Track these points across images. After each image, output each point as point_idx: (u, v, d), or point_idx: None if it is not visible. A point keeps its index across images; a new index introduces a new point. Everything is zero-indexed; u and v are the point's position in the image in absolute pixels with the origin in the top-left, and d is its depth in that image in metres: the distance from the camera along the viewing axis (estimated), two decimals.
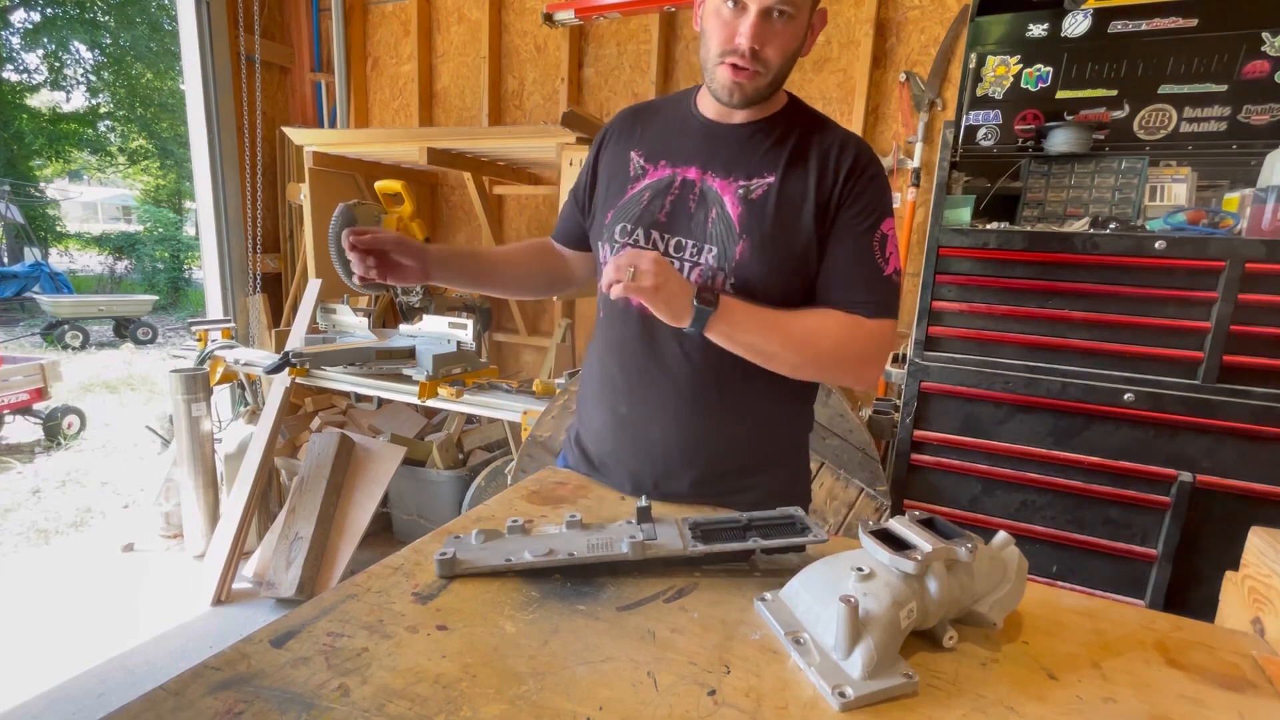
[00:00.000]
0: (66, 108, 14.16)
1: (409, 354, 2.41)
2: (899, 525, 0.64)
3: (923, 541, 0.60)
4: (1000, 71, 1.93)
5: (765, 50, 0.87)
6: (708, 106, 1.00)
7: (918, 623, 0.60)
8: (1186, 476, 1.66)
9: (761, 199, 0.94)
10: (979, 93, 1.96)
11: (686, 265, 0.97)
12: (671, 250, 0.97)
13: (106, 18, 13.15)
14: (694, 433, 1.01)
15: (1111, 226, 1.73)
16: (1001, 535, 0.68)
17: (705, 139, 0.99)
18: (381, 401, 3.21)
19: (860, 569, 0.60)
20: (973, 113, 1.98)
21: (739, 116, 0.98)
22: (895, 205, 2.53)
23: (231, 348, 2.78)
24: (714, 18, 0.89)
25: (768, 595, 0.68)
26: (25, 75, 13.56)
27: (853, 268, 0.95)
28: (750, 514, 0.78)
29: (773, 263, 0.94)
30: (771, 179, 0.95)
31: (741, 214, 0.94)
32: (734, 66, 0.88)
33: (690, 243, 0.96)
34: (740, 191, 0.95)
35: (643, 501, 0.80)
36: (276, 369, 2.32)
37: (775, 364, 0.92)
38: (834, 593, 0.59)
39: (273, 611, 2.35)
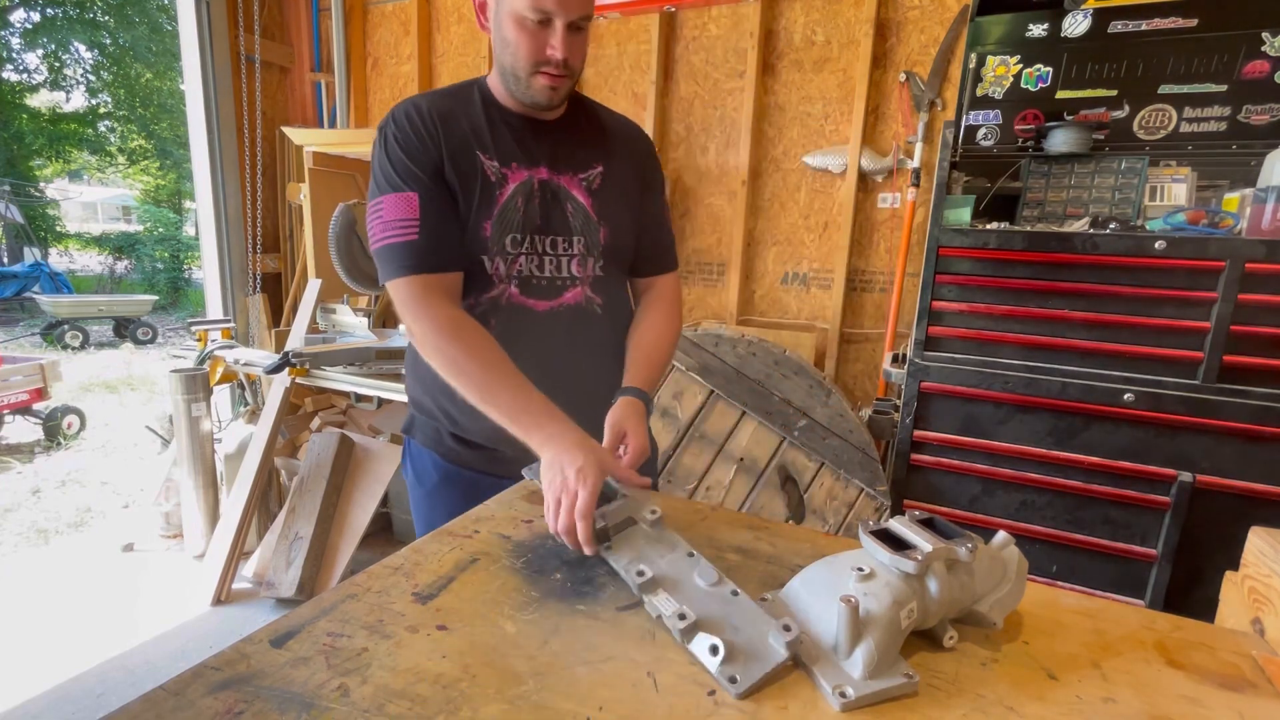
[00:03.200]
0: (66, 108, 14.16)
1: None
2: (899, 525, 0.64)
3: (923, 541, 0.60)
4: (1000, 71, 1.93)
5: (573, 60, 0.97)
6: (511, 102, 1.05)
7: (918, 623, 0.60)
8: (1186, 476, 1.66)
9: (602, 187, 1.09)
10: (979, 93, 1.97)
11: (563, 258, 1.06)
12: (549, 248, 1.05)
13: (106, 18, 13.14)
14: (596, 411, 1.01)
15: (1111, 226, 1.73)
16: (1001, 535, 0.67)
17: (537, 137, 1.05)
18: (381, 401, 3.20)
19: (861, 569, 0.60)
20: (973, 113, 1.98)
21: (549, 113, 1.06)
22: (895, 205, 2.55)
23: (231, 348, 2.77)
24: (518, 29, 0.94)
25: (768, 595, 0.68)
26: (25, 75, 13.56)
27: (662, 238, 1.20)
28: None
29: (627, 240, 1.13)
30: (600, 168, 1.09)
31: (593, 203, 1.08)
32: (549, 75, 0.96)
33: (562, 239, 1.06)
34: (584, 183, 1.08)
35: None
36: (276, 369, 2.32)
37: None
38: (834, 592, 0.58)
39: (273, 611, 2.34)
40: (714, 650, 0.58)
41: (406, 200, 0.97)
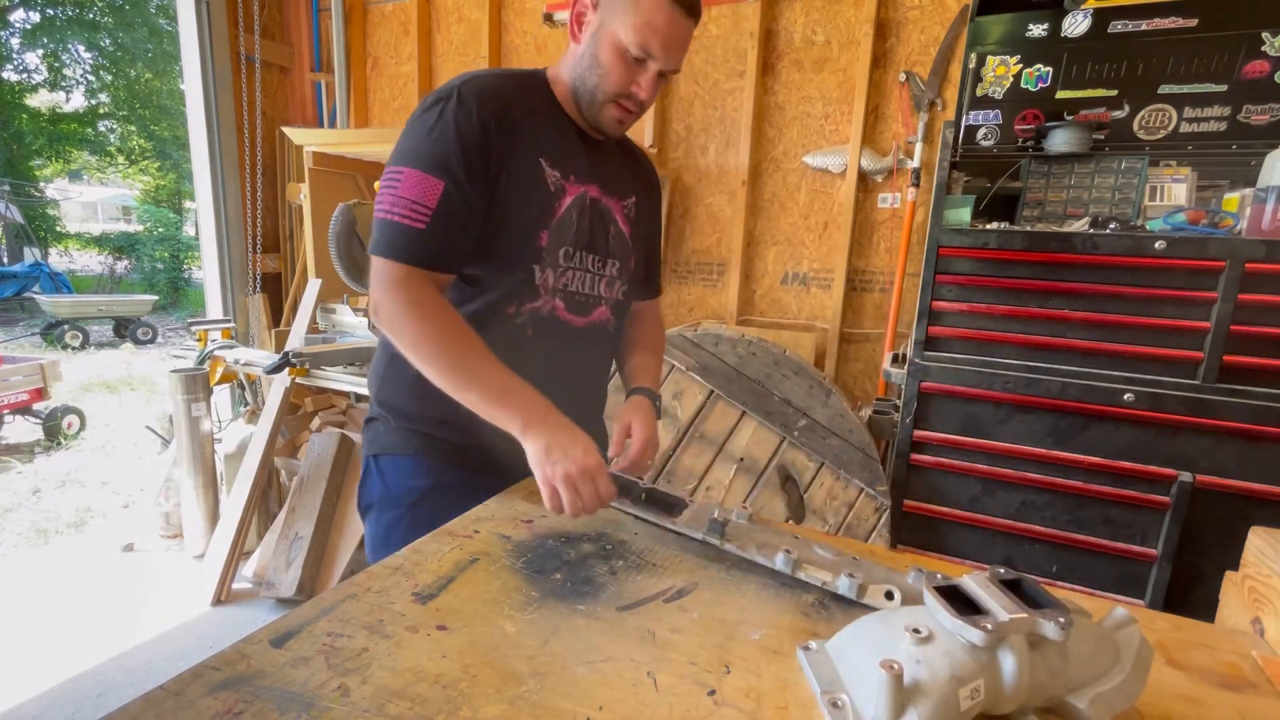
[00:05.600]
0: (66, 108, 14.15)
1: None
2: (973, 583, 0.54)
3: (999, 608, 0.50)
4: (1000, 71, 1.93)
5: (649, 102, 0.99)
6: (574, 114, 1.04)
7: (987, 706, 0.50)
8: (1186, 476, 1.66)
9: (637, 217, 1.13)
10: (979, 93, 1.96)
11: (597, 278, 1.08)
12: (590, 265, 1.06)
13: (106, 19, 13.14)
14: (593, 422, 1.19)
15: (1111, 226, 1.73)
16: (1119, 613, 0.56)
17: (592, 155, 1.05)
18: None
19: (918, 630, 0.51)
20: (973, 113, 1.98)
21: (601, 134, 1.06)
22: (895, 205, 2.55)
23: (231, 348, 2.77)
24: (615, 57, 0.94)
25: (812, 644, 0.61)
26: (25, 75, 13.56)
27: (658, 266, 1.26)
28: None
29: (643, 268, 1.19)
30: (635, 198, 1.13)
31: (631, 232, 1.12)
32: (624, 109, 0.99)
33: (599, 258, 1.07)
34: (625, 211, 1.11)
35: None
36: (276, 369, 2.32)
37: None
38: (883, 654, 0.51)
39: (273, 611, 2.34)
40: (889, 595, 0.69)
41: (430, 186, 0.89)
